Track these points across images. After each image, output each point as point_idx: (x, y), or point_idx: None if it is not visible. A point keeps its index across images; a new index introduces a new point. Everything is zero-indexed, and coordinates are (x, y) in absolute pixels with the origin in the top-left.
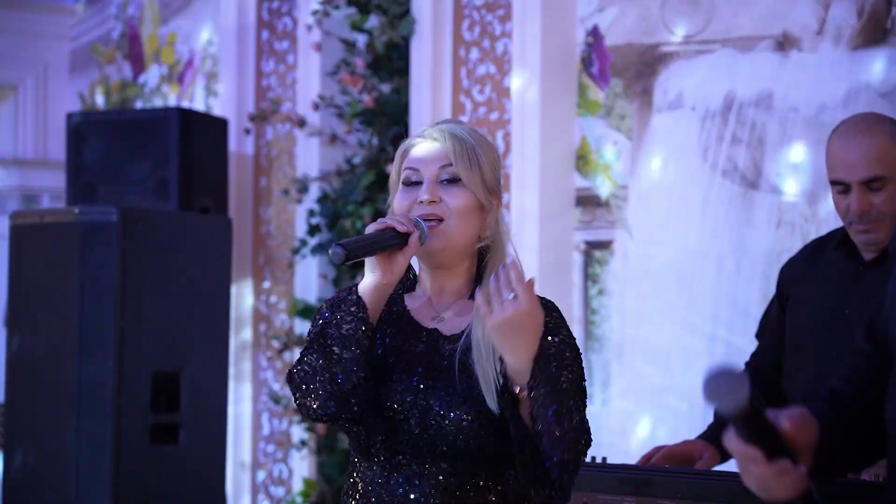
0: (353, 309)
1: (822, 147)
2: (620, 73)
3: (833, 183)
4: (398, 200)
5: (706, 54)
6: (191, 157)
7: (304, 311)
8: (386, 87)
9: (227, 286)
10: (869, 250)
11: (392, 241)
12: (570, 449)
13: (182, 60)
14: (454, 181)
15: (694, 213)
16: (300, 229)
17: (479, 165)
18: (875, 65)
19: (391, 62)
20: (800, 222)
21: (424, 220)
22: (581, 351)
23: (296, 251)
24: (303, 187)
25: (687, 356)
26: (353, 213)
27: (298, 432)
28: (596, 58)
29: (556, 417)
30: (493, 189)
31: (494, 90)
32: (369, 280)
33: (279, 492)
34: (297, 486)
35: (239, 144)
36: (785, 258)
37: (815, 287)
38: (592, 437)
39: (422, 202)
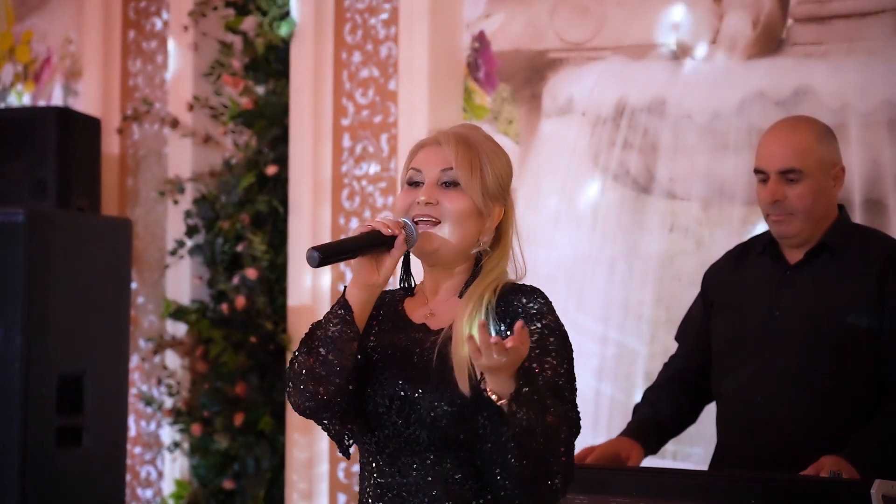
0: (339, 311)
1: (716, 154)
2: (508, 78)
3: (756, 172)
4: (399, 199)
5: (597, 61)
6: (68, 157)
7: (177, 313)
8: (261, 89)
9: (128, 288)
10: (787, 244)
11: (376, 243)
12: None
13: (39, 59)
14: (453, 185)
15: (584, 216)
16: (171, 230)
17: (480, 171)
18: (770, 74)
19: (269, 64)
20: (693, 226)
21: (421, 220)
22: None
23: (173, 252)
24: (178, 188)
25: (578, 358)
26: (233, 214)
27: (170, 434)
28: (482, 63)
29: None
30: (494, 196)
31: (378, 93)
32: (355, 281)
33: (147, 494)
34: (168, 487)
35: (105, 144)
36: (678, 261)
37: (742, 293)
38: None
39: (419, 202)
